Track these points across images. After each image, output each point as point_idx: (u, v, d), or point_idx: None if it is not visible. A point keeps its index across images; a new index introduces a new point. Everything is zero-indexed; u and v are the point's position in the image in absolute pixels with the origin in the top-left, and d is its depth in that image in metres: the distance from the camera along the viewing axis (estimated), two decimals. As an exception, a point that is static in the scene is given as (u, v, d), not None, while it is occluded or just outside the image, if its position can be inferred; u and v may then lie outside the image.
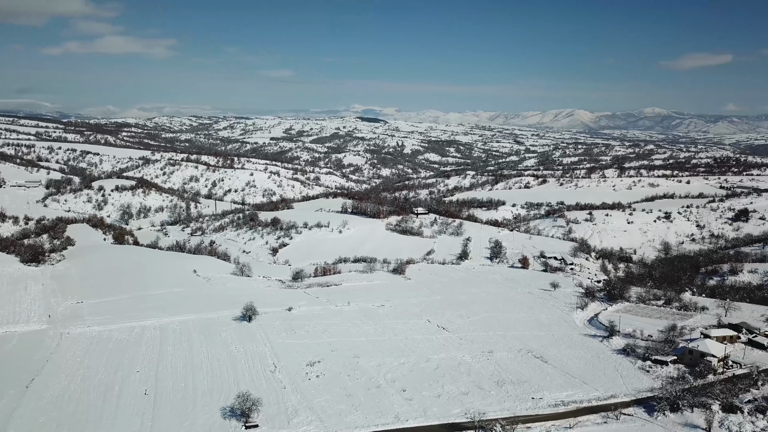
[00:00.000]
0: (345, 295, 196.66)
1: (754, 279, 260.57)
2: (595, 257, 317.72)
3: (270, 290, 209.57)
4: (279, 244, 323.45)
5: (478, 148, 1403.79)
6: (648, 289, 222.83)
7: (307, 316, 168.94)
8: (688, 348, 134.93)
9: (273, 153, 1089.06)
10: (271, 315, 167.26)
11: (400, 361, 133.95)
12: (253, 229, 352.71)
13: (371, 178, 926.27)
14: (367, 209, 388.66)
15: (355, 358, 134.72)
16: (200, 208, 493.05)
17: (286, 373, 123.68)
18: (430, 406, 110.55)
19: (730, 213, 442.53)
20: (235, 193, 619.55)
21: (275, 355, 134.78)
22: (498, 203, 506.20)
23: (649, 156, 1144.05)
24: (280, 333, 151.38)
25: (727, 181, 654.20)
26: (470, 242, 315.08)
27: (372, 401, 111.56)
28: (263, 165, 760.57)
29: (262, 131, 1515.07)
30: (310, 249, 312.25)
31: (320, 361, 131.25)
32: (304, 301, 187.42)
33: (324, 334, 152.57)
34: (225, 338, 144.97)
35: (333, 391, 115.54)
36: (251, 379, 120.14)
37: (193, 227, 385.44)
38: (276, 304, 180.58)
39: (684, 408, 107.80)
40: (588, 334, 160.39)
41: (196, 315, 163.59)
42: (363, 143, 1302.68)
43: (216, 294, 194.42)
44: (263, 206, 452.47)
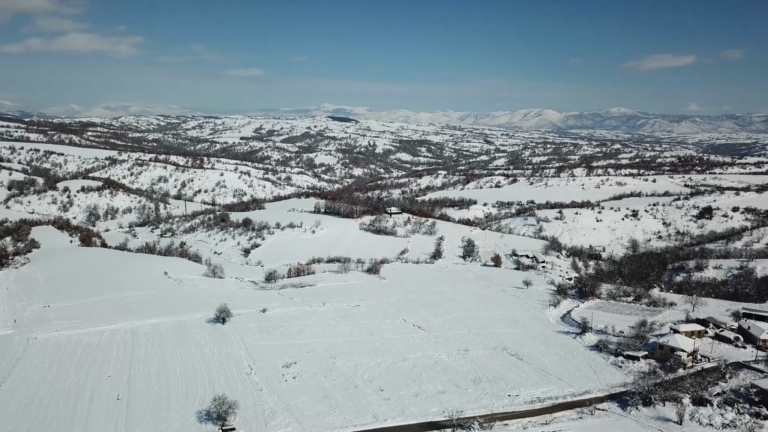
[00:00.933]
0: (320, 296, 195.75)
1: (718, 275, 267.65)
2: (566, 255, 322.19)
3: (243, 291, 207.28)
4: (251, 244, 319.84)
5: (449, 147, 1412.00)
6: (618, 285, 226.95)
7: (281, 318, 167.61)
8: (658, 343, 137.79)
9: (243, 153, 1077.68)
10: (245, 316, 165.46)
11: (376, 360, 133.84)
12: (224, 230, 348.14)
13: (343, 178, 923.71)
14: (341, 209, 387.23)
15: (332, 358, 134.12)
16: (170, 209, 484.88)
17: (263, 375, 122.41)
18: (408, 405, 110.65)
19: (694, 211, 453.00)
20: (206, 194, 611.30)
21: (250, 357, 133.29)
22: (470, 202, 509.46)
23: (616, 155, 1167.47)
24: (254, 335, 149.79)
25: (692, 180, 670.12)
26: (443, 241, 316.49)
27: (350, 402, 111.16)
28: (233, 165, 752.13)
29: (232, 131, 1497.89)
30: (283, 249, 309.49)
31: (296, 363, 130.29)
32: (279, 302, 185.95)
33: (299, 335, 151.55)
34: (199, 341, 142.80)
35: (310, 393, 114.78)
36: (227, 381, 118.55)
37: (162, 228, 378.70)
38: (250, 305, 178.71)
39: (656, 402, 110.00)
40: (561, 331, 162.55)
41: (168, 317, 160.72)
42: (334, 143, 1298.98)
43: (188, 296, 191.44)
44: (234, 207, 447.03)
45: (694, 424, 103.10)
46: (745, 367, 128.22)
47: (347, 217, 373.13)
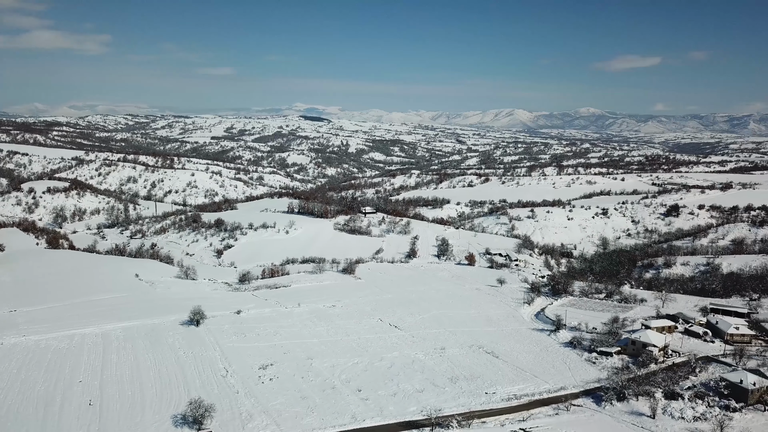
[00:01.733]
0: (295, 297, 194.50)
1: (686, 271, 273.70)
2: (539, 253, 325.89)
3: (217, 293, 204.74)
4: (224, 245, 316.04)
5: (422, 147, 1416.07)
6: (590, 283, 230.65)
7: (256, 319, 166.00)
8: (630, 339, 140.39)
9: (214, 152, 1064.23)
10: (220, 318, 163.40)
11: (354, 361, 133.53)
12: (196, 231, 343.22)
13: (316, 178, 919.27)
14: (314, 209, 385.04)
15: (309, 359, 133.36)
16: (139, 210, 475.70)
17: (239, 378, 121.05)
18: (387, 404, 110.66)
19: (662, 209, 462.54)
20: (176, 194, 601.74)
21: (226, 359, 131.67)
22: (443, 202, 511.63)
23: (586, 154, 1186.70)
24: (230, 337, 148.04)
25: (659, 178, 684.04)
26: (418, 240, 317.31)
27: (328, 402, 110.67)
28: (204, 165, 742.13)
29: (203, 130, 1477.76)
30: (257, 250, 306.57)
31: (273, 364, 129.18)
32: (253, 304, 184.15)
33: (275, 336, 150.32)
34: (172, 344, 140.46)
35: (287, 394, 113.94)
36: (202, 384, 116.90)
37: (132, 230, 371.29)
38: (224, 307, 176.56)
39: (630, 397, 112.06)
40: (536, 328, 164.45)
41: (140, 320, 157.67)
42: (307, 142, 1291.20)
43: (160, 298, 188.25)
44: (206, 207, 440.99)
45: (667, 418, 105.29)
46: (714, 361, 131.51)
47: (321, 217, 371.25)
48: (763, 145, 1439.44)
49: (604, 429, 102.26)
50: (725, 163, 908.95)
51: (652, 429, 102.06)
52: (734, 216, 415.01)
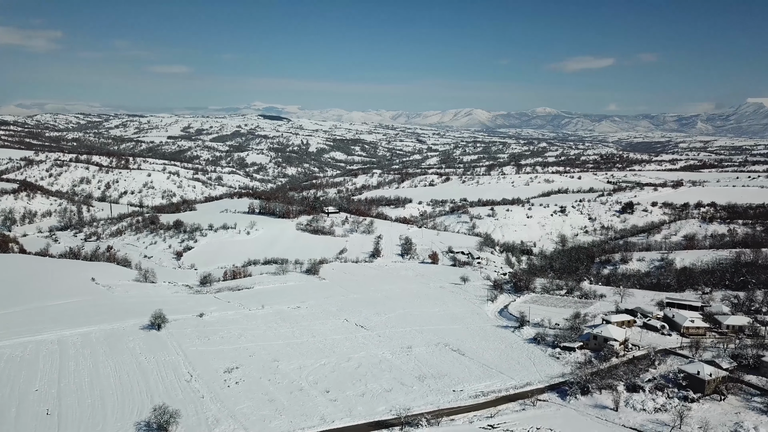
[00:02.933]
0: (258, 299, 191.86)
1: (642, 267, 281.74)
2: (500, 251, 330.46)
3: (177, 296, 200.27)
4: (183, 247, 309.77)
5: (383, 146, 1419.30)
6: (551, 280, 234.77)
7: (220, 322, 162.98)
8: (592, 334, 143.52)
9: (171, 152, 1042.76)
10: (182, 322, 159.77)
11: (321, 362, 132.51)
12: (154, 233, 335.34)
13: (276, 177, 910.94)
14: (276, 209, 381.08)
15: (275, 361, 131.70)
16: (93, 212, 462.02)
17: (203, 382, 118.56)
18: (355, 405, 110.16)
19: (617, 206, 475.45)
20: (132, 195, 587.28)
21: (190, 363, 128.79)
22: (405, 201, 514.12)
23: (543, 153, 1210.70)
24: (193, 340, 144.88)
25: (614, 176, 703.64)
26: (381, 240, 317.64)
27: (296, 404, 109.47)
28: (161, 165, 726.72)
29: (159, 130, 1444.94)
30: (217, 252, 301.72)
31: (238, 367, 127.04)
32: (216, 306, 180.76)
33: (240, 339, 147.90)
34: (133, 349, 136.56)
35: (254, 397, 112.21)
36: (165, 390, 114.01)
37: (86, 232, 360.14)
38: (186, 310, 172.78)
39: (593, 391, 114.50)
40: (500, 325, 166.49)
41: (99, 326, 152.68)
42: (266, 141, 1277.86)
43: (119, 302, 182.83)
44: (164, 208, 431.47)
45: (629, 410, 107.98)
46: (671, 353, 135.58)
47: (283, 218, 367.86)
48: (710, 144, 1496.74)
49: (569, 423, 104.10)
50: (676, 162, 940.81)
51: (615, 421, 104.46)
52: (685, 213, 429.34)
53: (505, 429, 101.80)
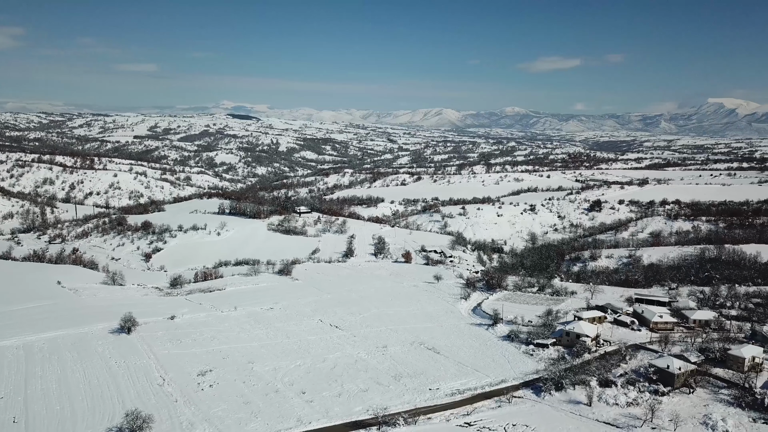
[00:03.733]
0: (230, 300, 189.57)
1: (611, 263, 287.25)
2: (471, 249, 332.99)
3: (147, 299, 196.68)
4: (152, 249, 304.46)
5: (354, 146, 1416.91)
6: (522, 277, 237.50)
7: (192, 324, 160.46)
8: (565, 330, 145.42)
9: (138, 152, 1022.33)
10: (153, 325, 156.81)
11: (296, 363, 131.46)
12: (121, 234, 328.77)
13: (246, 177, 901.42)
14: (247, 209, 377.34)
15: (249, 363, 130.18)
16: (58, 213, 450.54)
17: (176, 386, 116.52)
18: (332, 406, 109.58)
19: (585, 204, 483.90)
20: (98, 196, 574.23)
21: (162, 367, 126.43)
22: (377, 200, 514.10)
23: (512, 152, 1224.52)
24: (164, 343, 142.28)
25: (582, 175, 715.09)
26: (354, 239, 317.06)
27: (272, 407, 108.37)
28: (128, 165, 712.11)
29: (125, 129, 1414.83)
30: (188, 253, 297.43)
31: (212, 370, 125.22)
32: (187, 309, 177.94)
33: (213, 341, 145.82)
34: (103, 353, 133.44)
35: (229, 400, 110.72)
36: (137, 394, 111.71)
37: (51, 234, 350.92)
38: (156, 313, 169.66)
39: (567, 386, 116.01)
40: (474, 323, 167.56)
41: (66, 330, 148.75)
42: (236, 141, 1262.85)
43: (87, 306, 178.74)
44: (131, 209, 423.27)
45: (602, 405, 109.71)
46: (642, 348, 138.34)
47: (254, 218, 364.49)
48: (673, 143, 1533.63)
49: (544, 419, 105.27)
50: (641, 160, 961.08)
51: (589, 416, 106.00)
52: (651, 210, 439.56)
53: (481, 426, 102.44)
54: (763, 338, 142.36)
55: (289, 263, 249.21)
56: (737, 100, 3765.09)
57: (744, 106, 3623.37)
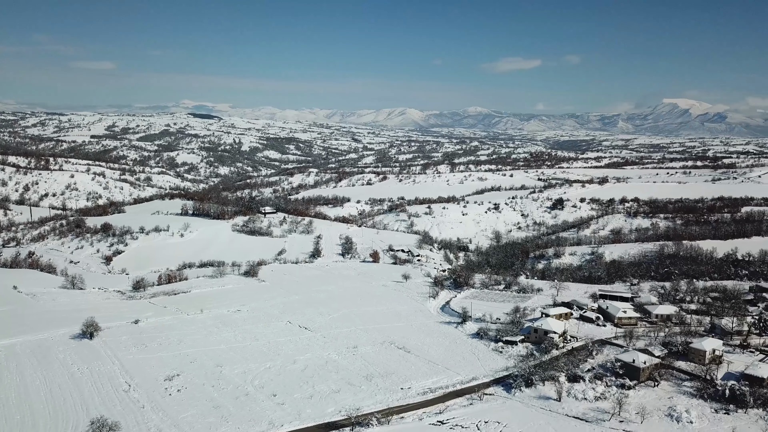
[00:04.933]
0: (196, 303, 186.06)
1: (574, 260, 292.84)
2: (438, 248, 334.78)
3: (109, 303, 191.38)
4: (113, 251, 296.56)
5: (318, 145, 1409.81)
6: (489, 275, 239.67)
7: (157, 328, 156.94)
8: (533, 327, 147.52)
9: (96, 152, 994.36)
10: (116, 329, 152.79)
11: (266, 365, 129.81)
12: (80, 237, 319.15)
13: (209, 177, 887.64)
14: (210, 210, 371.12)
15: (218, 367, 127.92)
16: (11, 216, 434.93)
17: (143, 391, 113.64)
18: (304, 407, 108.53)
19: (548, 202, 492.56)
20: (54, 198, 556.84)
21: (127, 372, 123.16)
22: (344, 200, 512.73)
23: (475, 152, 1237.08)
24: (129, 348, 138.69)
25: (544, 174, 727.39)
26: (321, 240, 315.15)
27: (242, 410, 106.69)
28: (85, 165, 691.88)
29: (81, 129, 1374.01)
30: (150, 255, 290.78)
31: (179, 375, 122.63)
32: (151, 312, 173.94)
33: (179, 345, 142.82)
34: (64, 360, 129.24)
35: (198, 405, 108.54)
36: (102, 401, 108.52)
37: (4, 237, 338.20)
38: (119, 317, 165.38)
39: (537, 382, 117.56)
40: (443, 321, 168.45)
41: (24, 337, 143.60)
42: (197, 140, 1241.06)
43: (45, 311, 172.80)
44: (90, 211, 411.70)
45: (571, 400, 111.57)
46: (607, 343, 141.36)
47: (218, 219, 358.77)
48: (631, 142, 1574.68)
49: (516, 415, 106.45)
50: (601, 159, 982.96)
51: (559, 411, 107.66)
52: (612, 208, 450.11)
53: (454, 424, 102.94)
54: (722, 331, 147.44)
55: (255, 264, 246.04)
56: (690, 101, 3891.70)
57: (697, 107, 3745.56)
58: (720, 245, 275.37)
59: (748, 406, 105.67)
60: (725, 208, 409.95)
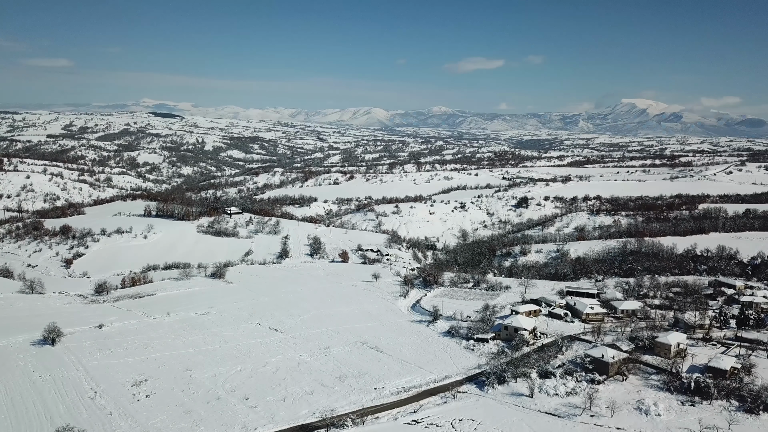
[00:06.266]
0: (162, 306, 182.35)
1: (540, 258, 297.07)
2: (407, 247, 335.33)
3: (71, 307, 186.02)
4: (73, 254, 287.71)
5: (283, 144, 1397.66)
6: (458, 273, 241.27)
7: (122, 333, 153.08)
8: (503, 324, 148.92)
9: (52, 152, 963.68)
10: (79, 335, 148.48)
11: (236, 368, 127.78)
12: (38, 240, 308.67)
13: (171, 178, 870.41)
14: (175, 211, 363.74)
15: (187, 371, 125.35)
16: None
17: (110, 398, 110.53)
18: (277, 410, 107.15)
19: (513, 201, 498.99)
20: (9, 200, 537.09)
21: (92, 379, 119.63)
22: (310, 200, 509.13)
23: (441, 151, 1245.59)
24: (93, 354, 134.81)
25: (508, 173, 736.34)
26: (289, 240, 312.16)
27: (214, 415, 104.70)
28: (42, 166, 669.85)
29: (36, 128, 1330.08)
30: (112, 258, 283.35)
31: (147, 380, 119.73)
32: (116, 316, 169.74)
33: (146, 349, 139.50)
34: (25, 367, 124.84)
35: (168, 410, 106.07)
36: (67, 409, 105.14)
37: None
38: (82, 322, 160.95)
39: (509, 379, 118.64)
40: (414, 320, 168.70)
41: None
42: (159, 140, 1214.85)
43: (3, 317, 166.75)
44: (47, 213, 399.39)
45: (543, 396, 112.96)
46: (576, 339, 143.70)
47: (183, 220, 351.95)
48: (591, 141, 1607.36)
49: (489, 412, 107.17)
50: (563, 158, 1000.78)
51: (531, 407, 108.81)
52: (575, 206, 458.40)
53: (429, 423, 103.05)
54: (686, 325, 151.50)
55: (222, 266, 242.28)
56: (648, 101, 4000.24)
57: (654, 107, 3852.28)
58: (680, 241, 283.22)
59: (713, 397, 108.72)
60: (683, 206, 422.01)
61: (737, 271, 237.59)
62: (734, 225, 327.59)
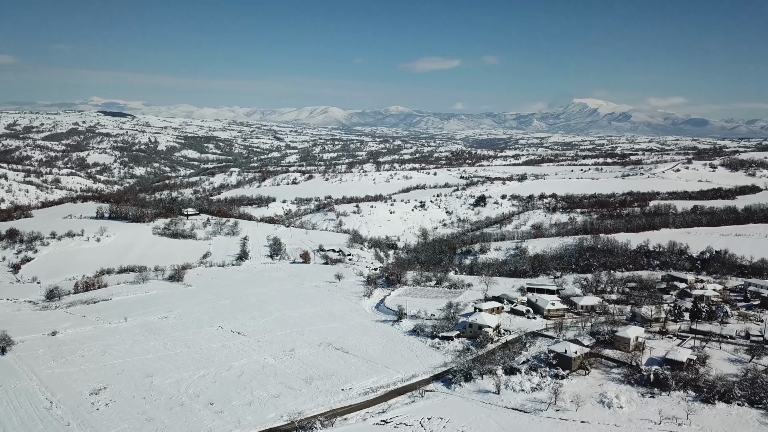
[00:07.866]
0: (119, 311, 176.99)
1: (500, 255, 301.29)
2: (368, 246, 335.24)
3: (21, 314, 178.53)
4: (21, 259, 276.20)
5: (239, 144, 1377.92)
6: (420, 272, 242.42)
7: (77, 339, 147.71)
8: (467, 322, 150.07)
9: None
10: (31, 343, 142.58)
11: (199, 373, 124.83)
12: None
13: (124, 178, 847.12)
14: (129, 213, 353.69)
15: (148, 377, 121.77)
16: None
17: (67, 408, 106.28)
18: (244, 415, 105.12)
19: (471, 199, 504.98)
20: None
21: (47, 388, 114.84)
22: (269, 200, 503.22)
23: (399, 151, 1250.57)
24: (47, 362, 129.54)
25: (465, 172, 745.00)
26: (248, 241, 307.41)
27: (179, 421, 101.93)
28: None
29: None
30: (64, 262, 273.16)
31: (106, 387, 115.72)
32: (69, 323, 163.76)
33: (104, 356, 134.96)
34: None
35: (130, 418, 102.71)
36: (21, 421, 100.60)
37: None
38: (34, 329, 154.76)
39: (475, 377, 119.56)
40: (379, 319, 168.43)
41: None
42: (109, 140, 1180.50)
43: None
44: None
45: (510, 392, 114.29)
46: (539, 335, 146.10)
47: (137, 222, 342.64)
48: (545, 140, 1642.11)
49: (457, 410, 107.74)
50: (518, 157, 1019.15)
51: (498, 404, 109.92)
52: (531, 204, 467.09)
53: (398, 423, 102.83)
54: (642, 319, 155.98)
55: (180, 269, 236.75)
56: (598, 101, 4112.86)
57: (604, 106, 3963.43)
58: (633, 237, 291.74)
59: (671, 388, 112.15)
60: (635, 203, 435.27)
61: (688, 266, 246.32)
62: (683, 221, 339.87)
